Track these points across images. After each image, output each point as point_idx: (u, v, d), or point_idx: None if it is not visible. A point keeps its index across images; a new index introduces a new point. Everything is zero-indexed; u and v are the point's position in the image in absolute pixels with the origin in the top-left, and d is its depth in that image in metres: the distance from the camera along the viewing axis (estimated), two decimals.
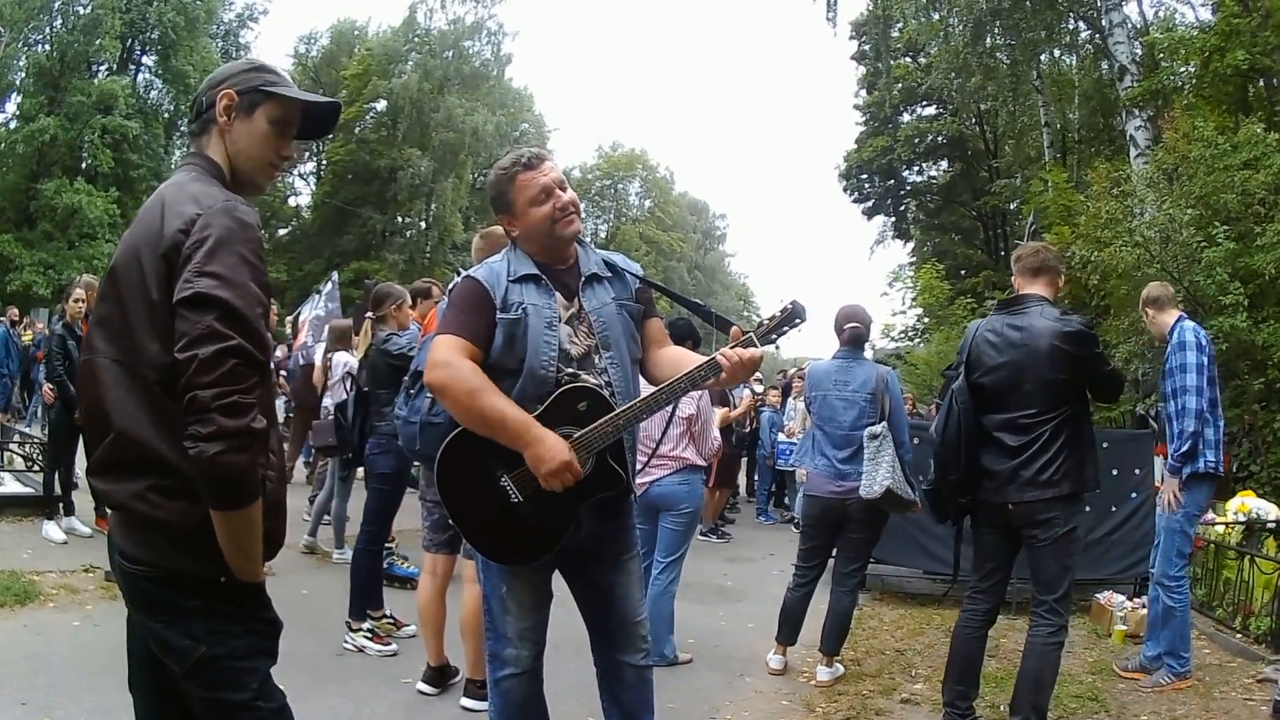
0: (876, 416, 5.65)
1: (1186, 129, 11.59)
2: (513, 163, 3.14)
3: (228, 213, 2.09)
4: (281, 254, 43.32)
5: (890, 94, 30.02)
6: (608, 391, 3.04)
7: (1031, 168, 23.15)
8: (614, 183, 63.70)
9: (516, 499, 2.97)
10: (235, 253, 2.05)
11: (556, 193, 3.09)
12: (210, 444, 1.92)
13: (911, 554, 8.23)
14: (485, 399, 2.88)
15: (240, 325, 1.99)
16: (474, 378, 2.90)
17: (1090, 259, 11.49)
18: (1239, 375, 10.50)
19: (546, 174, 3.10)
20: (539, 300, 3.06)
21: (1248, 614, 6.66)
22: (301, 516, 8.68)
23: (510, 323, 3.00)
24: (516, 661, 3.17)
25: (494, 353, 3.00)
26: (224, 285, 2.00)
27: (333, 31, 46.39)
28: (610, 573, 3.25)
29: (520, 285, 3.07)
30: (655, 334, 3.35)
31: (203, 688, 2.15)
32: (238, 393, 1.95)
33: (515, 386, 2.97)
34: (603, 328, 3.12)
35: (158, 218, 2.12)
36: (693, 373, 3.00)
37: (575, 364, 3.05)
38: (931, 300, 24.49)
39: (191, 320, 1.97)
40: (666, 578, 5.95)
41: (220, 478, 1.96)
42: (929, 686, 5.71)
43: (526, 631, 3.18)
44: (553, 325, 3.04)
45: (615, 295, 3.22)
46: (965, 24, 19.08)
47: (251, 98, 2.31)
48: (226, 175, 2.29)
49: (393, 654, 5.67)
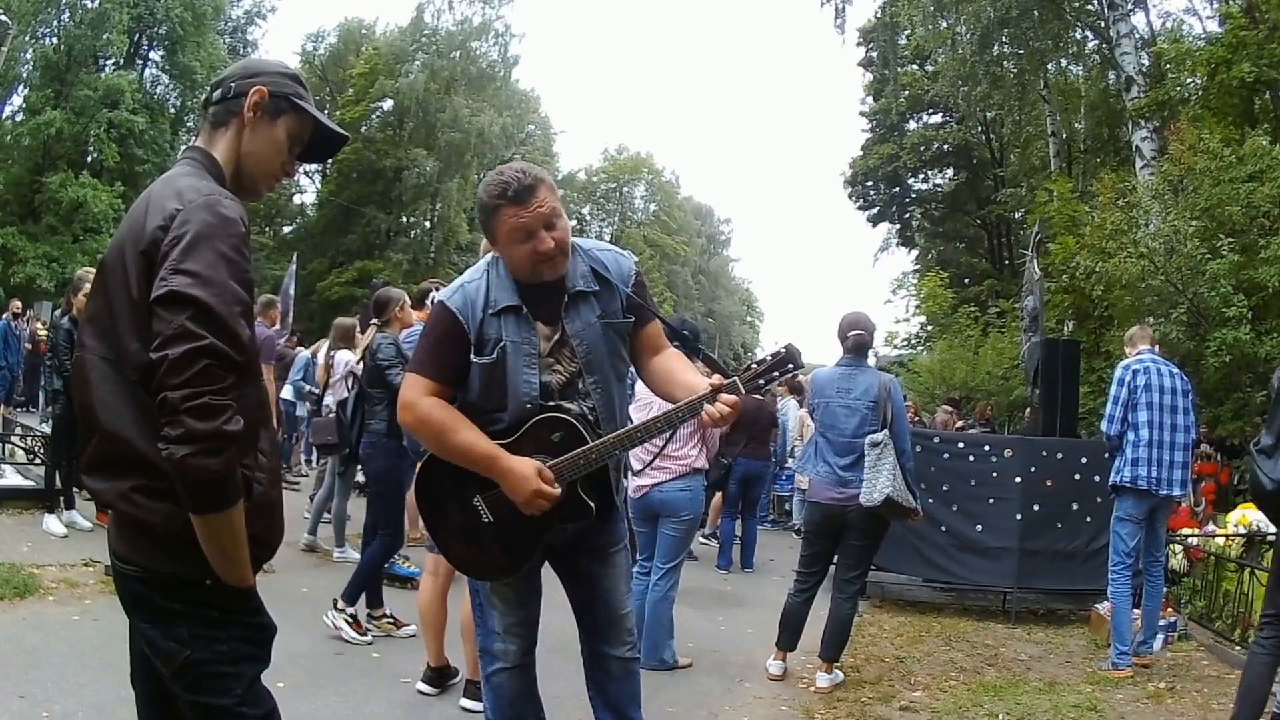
0: (878, 424, 5.64)
1: (1192, 141, 11.60)
2: (500, 192, 2.87)
3: (208, 208, 2.03)
4: (285, 252, 43.29)
5: (897, 101, 30.05)
6: (592, 417, 2.98)
7: (1037, 177, 23.20)
8: (619, 186, 63.64)
9: (487, 519, 2.99)
10: (214, 249, 1.99)
11: (540, 234, 2.86)
12: (180, 446, 1.87)
13: (912, 562, 8.24)
14: (455, 437, 2.90)
15: (214, 324, 1.93)
16: (438, 418, 2.91)
17: (1095, 269, 11.50)
18: (1241, 388, 10.52)
19: (532, 210, 2.84)
20: (518, 336, 2.94)
21: (1246, 626, 6.65)
22: (302, 515, 8.68)
23: (487, 367, 2.92)
24: (505, 656, 3.19)
25: (472, 392, 2.96)
26: (199, 283, 1.94)
27: (340, 30, 46.37)
28: (596, 565, 3.23)
29: (499, 318, 2.94)
30: (649, 341, 3.18)
31: (187, 691, 2.13)
32: (209, 394, 1.89)
33: (499, 422, 2.95)
34: (585, 352, 3.00)
35: (142, 213, 2.09)
36: (670, 414, 2.94)
37: (558, 395, 2.98)
38: (935, 308, 24.53)
39: (165, 319, 1.92)
40: (666, 583, 5.95)
41: (193, 481, 1.91)
42: (928, 694, 5.71)
43: (513, 626, 3.18)
44: (532, 363, 2.94)
45: (601, 312, 3.04)
46: (973, 32, 19.10)
47: (279, 104, 2.28)
48: (227, 174, 2.24)
49: (367, 643, 5.75)
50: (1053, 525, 7.93)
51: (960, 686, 5.94)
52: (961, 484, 8.18)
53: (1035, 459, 8.11)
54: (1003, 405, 18.48)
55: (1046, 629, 7.73)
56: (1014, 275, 25.03)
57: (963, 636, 7.32)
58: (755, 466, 10.11)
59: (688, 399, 2.92)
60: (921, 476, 7.04)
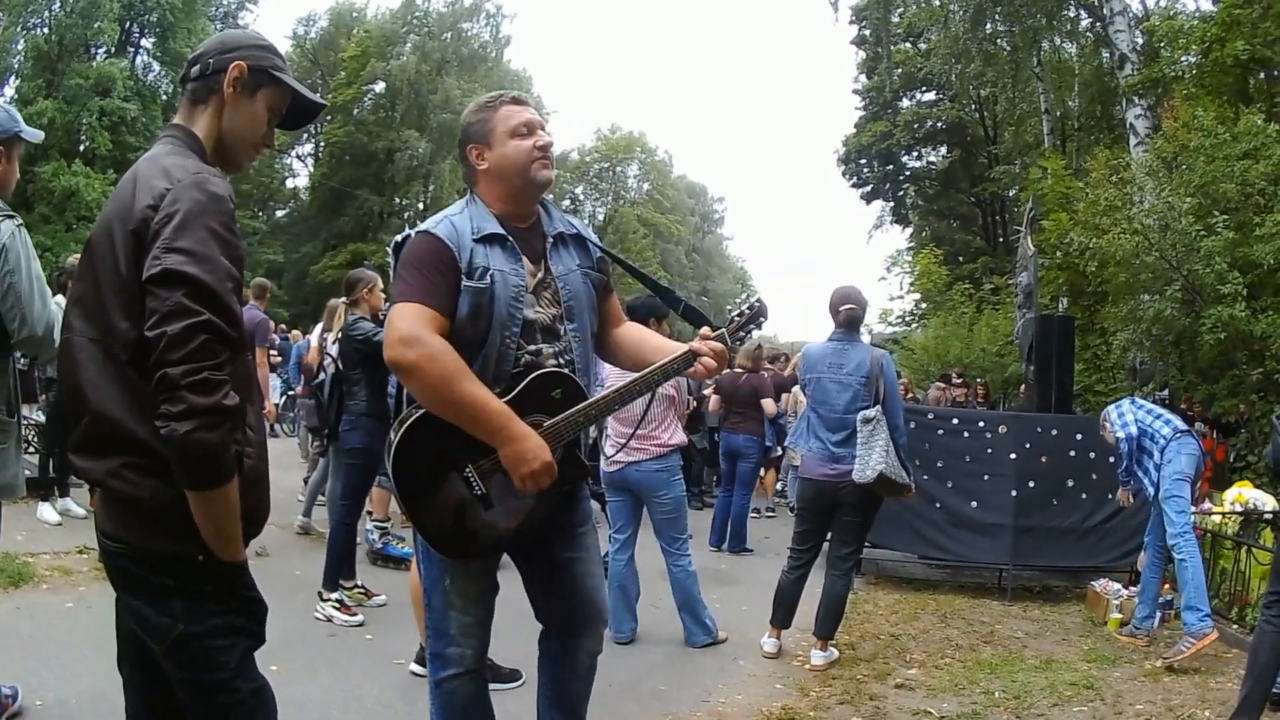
0: (871, 400, 5.61)
1: (1186, 118, 11.59)
2: (497, 95, 2.95)
3: (197, 185, 2.04)
4: (278, 235, 43.25)
5: (890, 79, 29.99)
6: (569, 369, 2.88)
7: (1030, 154, 23.21)
8: (612, 165, 63.38)
9: (480, 491, 2.76)
10: (205, 227, 1.99)
11: (539, 131, 2.89)
12: (181, 422, 1.88)
13: (907, 538, 8.23)
14: (463, 387, 2.63)
15: (210, 300, 1.94)
16: (448, 360, 2.63)
17: (1088, 246, 11.49)
18: (1237, 365, 10.53)
19: (531, 113, 2.92)
20: (506, 266, 2.82)
21: (1244, 604, 6.66)
22: (296, 497, 8.67)
23: (477, 291, 2.75)
24: (460, 660, 2.96)
25: (456, 321, 2.74)
26: (192, 260, 1.94)
27: (331, 13, 46.14)
28: (565, 549, 3.06)
29: (485, 247, 2.81)
30: (614, 310, 3.19)
31: (180, 667, 2.13)
32: (208, 369, 1.90)
33: (477, 360, 2.74)
34: (569, 296, 2.93)
35: (130, 192, 2.08)
36: (666, 365, 2.92)
37: (539, 336, 2.85)
38: (929, 285, 24.56)
39: (160, 297, 1.93)
40: (683, 560, 6.03)
41: (192, 456, 1.91)
42: (923, 671, 5.72)
43: (470, 627, 2.97)
44: (520, 296, 2.81)
45: (580, 262, 3.01)
46: (965, 10, 19.07)
47: (259, 77, 2.27)
48: (208, 150, 2.24)
49: (359, 624, 5.79)
50: (1048, 502, 7.92)
51: (956, 664, 5.94)
52: (956, 460, 8.17)
53: (1030, 435, 8.10)
54: (997, 382, 18.51)
55: (1042, 606, 7.74)
56: (1008, 252, 25.09)
57: (958, 614, 7.32)
58: (736, 441, 10.02)
59: (679, 353, 2.92)
60: (916, 453, 7.03)
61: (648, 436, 5.78)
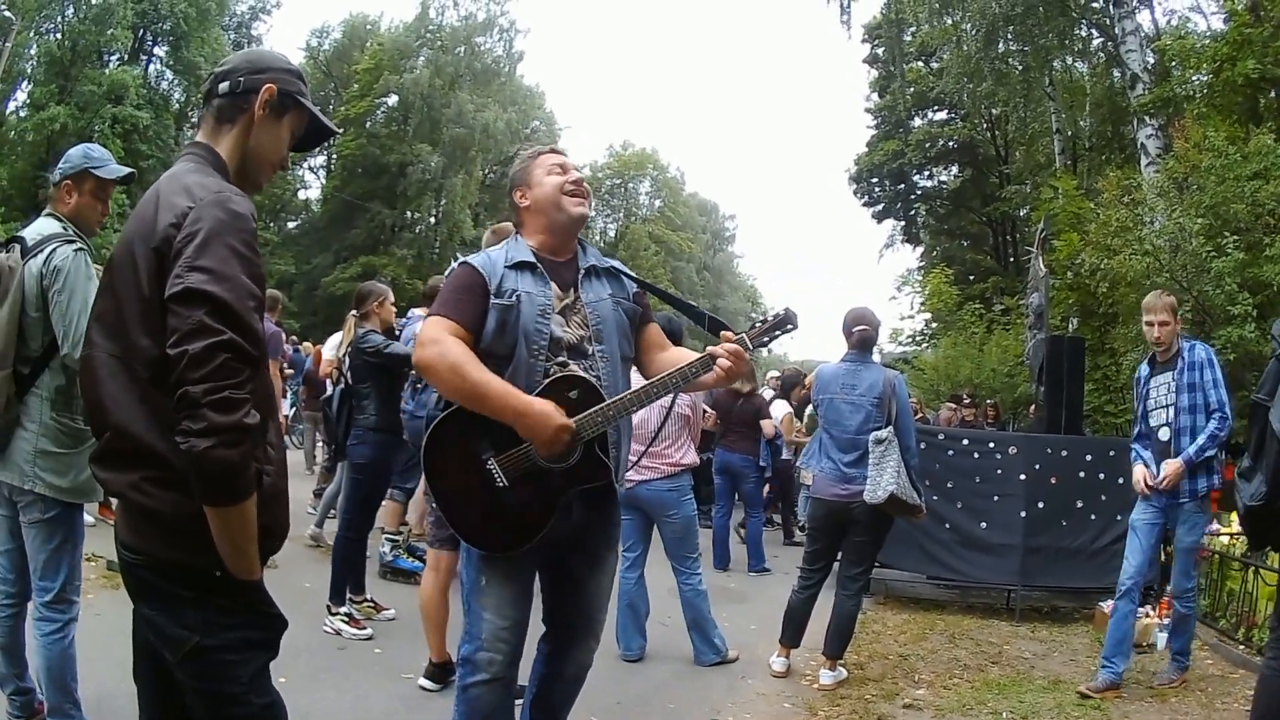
0: (883, 421, 5.63)
1: (1197, 138, 11.55)
2: (541, 147, 3.34)
3: (219, 204, 2.06)
4: (290, 247, 43.39)
5: (902, 98, 29.96)
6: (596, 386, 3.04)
7: (1042, 174, 23.14)
8: (624, 182, 63.54)
9: (502, 483, 2.94)
10: (226, 245, 2.01)
11: (571, 170, 3.23)
12: (202, 439, 1.89)
13: (916, 558, 8.22)
14: (471, 371, 2.87)
15: (231, 319, 1.96)
16: (458, 352, 2.89)
17: (1099, 267, 11.45)
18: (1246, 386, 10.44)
19: (566, 158, 3.28)
20: (533, 288, 3.06)
21: (1251, 625, 6.63)
22: (306, 509, 8.68)
23: (503, 309, 3.00)
24: (489, 666, 3.04)
25: (486, 338, 2.99)
26: (214, 279, 1.96)
27: (345, 25, 46.45)
28: (587, 568, 3.24)
29: (516, 272, 3.08)
30: (655, 338, 3.38)
31: (194, 678, 2.14)
32: (229, 387, 1.92)
33: (506, 373, 2.95)
34: (597, 320, 3.13)
35: (152, 211, 2.10)
36: (684, 368, 3.04)
37: (566, 353, 3.04)
38: (940, 305, 24.47)
39: (182, 315, 1.94)
40: (694, 579, 6.05)
41: (212, 473, 1.93)
42: (931, 692, 5.70)
43: (502, 632, 3.05)
44: (545, 314, 3.04)
45: (612, 292, 3.24)
46: (978, 29, 19.03)
47: (286, 101, 2.31)
48: (230, 169, 2.26)
49: (367, 638, 5.81)
50: (1057, 522, 7.90)
51: (964, 684, 5.93)
52: (966, 481, 8.17)
53: (1040, 456, 8.09)
54: (1007, 402, 18.45)
55: (1051, 627, 7.71)
56: (1019, 272, 24.97)
57: (966, 634, 7.30)
58: (732, 459, 10.07)
59: (697, 357, 3.06)
60: (926, 473, 7.03)
61: (659, 455, 5.79)
